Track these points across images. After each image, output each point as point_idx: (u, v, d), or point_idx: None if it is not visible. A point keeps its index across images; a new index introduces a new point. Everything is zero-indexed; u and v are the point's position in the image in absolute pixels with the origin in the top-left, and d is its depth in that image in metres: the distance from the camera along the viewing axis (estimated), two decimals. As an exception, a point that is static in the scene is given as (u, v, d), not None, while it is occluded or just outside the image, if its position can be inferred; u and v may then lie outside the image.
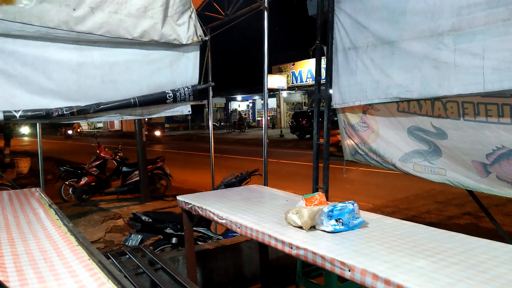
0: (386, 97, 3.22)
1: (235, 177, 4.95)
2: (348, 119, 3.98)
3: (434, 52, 2.85)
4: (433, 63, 2.86)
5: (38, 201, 2.80)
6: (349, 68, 3.55)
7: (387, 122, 3.62)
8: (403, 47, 3.07)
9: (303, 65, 26.21)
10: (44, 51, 3.39)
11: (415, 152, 3.46)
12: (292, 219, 2.20)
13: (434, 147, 3.31)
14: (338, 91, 3.72)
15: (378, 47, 3.27)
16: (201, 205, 2.82)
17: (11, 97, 3.34)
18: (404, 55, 3.07)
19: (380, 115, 3.65)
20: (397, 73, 3.10)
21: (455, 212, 6.57)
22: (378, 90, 3.27)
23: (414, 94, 2.98)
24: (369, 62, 3.34)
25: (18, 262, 1.62)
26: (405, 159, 3.57)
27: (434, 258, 1.69)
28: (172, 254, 3.66)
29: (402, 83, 3.06)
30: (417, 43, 2.97)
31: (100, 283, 1.38)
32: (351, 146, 4.13)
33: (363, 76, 3.40)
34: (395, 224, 2.21)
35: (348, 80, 3.57)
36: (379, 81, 3.25)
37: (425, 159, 3.42)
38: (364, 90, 3.40)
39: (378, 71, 3.26)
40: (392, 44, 3.15)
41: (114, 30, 3.44)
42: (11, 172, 10.82)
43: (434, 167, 3.36)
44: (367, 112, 3.77)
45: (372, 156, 3.90)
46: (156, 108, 3.96)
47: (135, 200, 7.96)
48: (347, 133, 4.10)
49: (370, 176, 9.56)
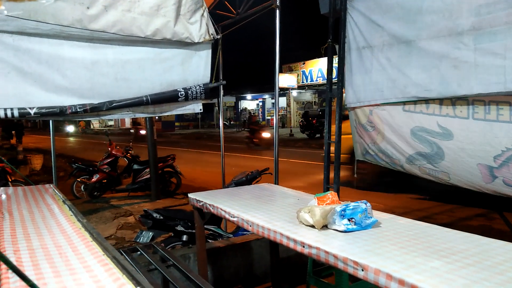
0: (404, 96, 3.18)
1: (245, 175, 4.96)
2: (358, 119, 3.95)
3: (453, 51, 2.81)
4: (452, 62, 2.82)
5: (52, 197, 2.84)
6: (364, 67, 3.52)
7: (391, 122, 3.57)
8: (421, 46, 3.04)
9: (314, 64, 26.10)
10: (58, 49, 3.43)
11: (418, 154, 3.40)
12: (304, 218, 2.19)
13: (436, 149, 3.23)
14: (352, 90, 3.69)
15: (395, 46, 3.24)
16: (212, 202, 2.83)
17: (26, 94, 3.39)
18: (422, 54, 3.03)
19: (384, 115, 3.60)
20: (415, 72, 3.07)
21: (467, 214, 6.50)
22: (395, 89, 3.24)
23: (433, 93, 2.95)
24: (385, 61, 3.31)
25: (34, 257, 1.64)
26: (410, 161, 3.52)
27: (449, 259, 1.67)
28: (183, 252, 3.67)
29: (420, 83, 3.03)
30: (436, 43, 2.93)
31: (115, 278, 1.40)
32: (362, 146, 4.10)
33: (379, 75, 3.37)
34: (408, 224, 2.20)
35: (363, 79, 3.55)
36: (396, 80, 3.22)
37: (428, 162, 3.35)
38: (380, 89, 3.37)
39: (395, 70, 3.22)
40: (409, 44, 3.12)
41: (127, 28, 3.46)
42: (24, 168, 10.96)
43: (438, 170, 3.30)
44: (372, 112, 3.73)
45: (381, 157, 3.86)
46: (168, 106, 3.99)
47: (145, 198, 8.02)
48: (358, 132, 4.07)
49: (380, 176, 9.49)
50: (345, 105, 3.89)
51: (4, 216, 2.30)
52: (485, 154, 2.90)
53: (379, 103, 3.51)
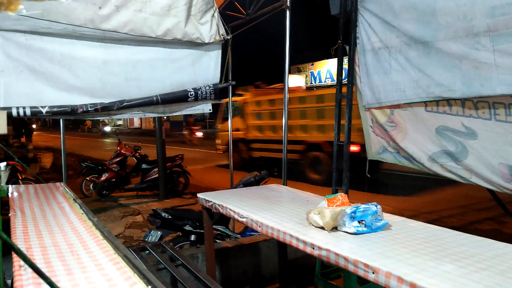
0: (428, 96, 3.17)
1: (253, 176, 4.96)
2: (376, 118, 3.93)
3: (472, 52, 2.80)
4: (472, 63, 2.81)
5: (63, 195, 2.86)
6: (382, 67, 3.51)
7: (415, 121, 3.57)
8: (439, 47, 3.02)
9: (322, 65, 25.93)
10: (70, 49, 3.46)
11: (442, 152, 3.42)
12: (313, 220, 2.19)
13: (461, 147, 3.26)
14: (371, 91, 3.68)
15: (412, 47, 3.22)
16: (221, 203, 2.83)
17: (37, 93, 3.42)
18: (441, 54, 3.02)
19: (407, 114, 3.60)
20: (437, 72, 3.06)
21: (477, 217, 6.43)
22: (418, 89, 3.24)
23: (457, 93, 2.94)
24: (405, 61, 3.29)
25: (46, 254, 1.65)
26: (433, 159, 3.53)
27: (461, 263, 1.65)
28: (191, 251, 3.68)
29: (443, 83, 3.02)
30: (453, 44, 2.91)
31: (126, 277, 1.40)
32: (379, 145, 4.07)
33: (400, 75, 3.36)
34: (419, 227, 2.18)
35: (382, 80, 3.53)
36: (418, 81, 3.21)
37: (452, 160, 3.37)
38: (402, 90, 3.36)
39: (416, 70, 3.22)
40: (426, 44, 3.11)
41: (138, 28, 3.48)
42: (33, 167, 11.08)
43: (460, 168, 3.32)
44: (394, 112, 3.73)
45: (402, 154, 3.85)
46: (178, 106, 4.00)
47: (154, 197, 8.06)
48: (376, 132, 4.05)
49: (390, 178, 9.44)
50: (364, 106, 3.88)
51: (16, 213, 2.32)
52: (507, 155, 2.93)
53: (402, 103, 3.51)
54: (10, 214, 2.31)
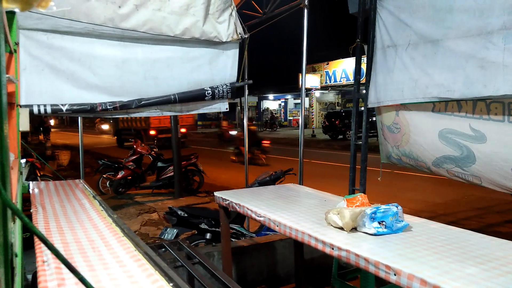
0: (425, 97, 3.11)
1: (269, 175, 4.95)
2: (383, 120, 3.88)
3: (481, 51, 2.74)
4: (479, 62, 2.75)
5: (82, 192, 2.90)
6: (387, 66, 3.46)
7: (418, 124, 3.48)
8: (447, 45, 2.96)
9: (337, 64, 25.84)
10: (90, 47, 3.50)
11: (445, 158, 3.30)
12: (332, 220, 2.17)
13: (467, 152, 3.13)
14: (374, 90, 3.63)
15: (420, 46, 3.17)
16: (238, 201, 2.83)
17: (58, 91, 3.48)
18: (448, 54, 2.96)
19: (412, 116, 3.52)
20: (438, 72, 2.99)
21: (497, 220, 6.31)
22: (416, 90, 3.17)
23: (456, 94, 2.87)
24: (409, 60, 3.24)
25: (68, 250, 1.67)
26: (437, 164, 3.43)
27: (486, 266, 1.62)
28: (207, 249, 3.69)
29: (443, 83, 2.95)
30: (463, 42, 2.86)
31: (148, 274, 1.41)
32: (386, 149, 4.03)
33: (401, 74, 3.31)
34: (440, 229, 2.14)
35: (385, 79, 3.48)
36: (417, 80, 3.15)
37: (456, 166, 3.26)
38: (400, 89, 3.30)
39: (418, 70, 3.16)
40: (435, 43, 3.05)
41: (157, 27, 3.51)
42: (51, 164, 11.26)
43: (468, 174, 3.20)
44: (399, 113, 3.66)
45: (406, 160, 3.78)
46: (195, 104, 4.02)
47: (169, 195, 8.11)
48: (383, 135, 4.00)
49: (406, 179, 9.32)
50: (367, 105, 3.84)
51: (37, 209, 2.35)
52: None
53: (398, 103, 3.45)
54: (32, 210, 2.35)
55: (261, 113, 37.29)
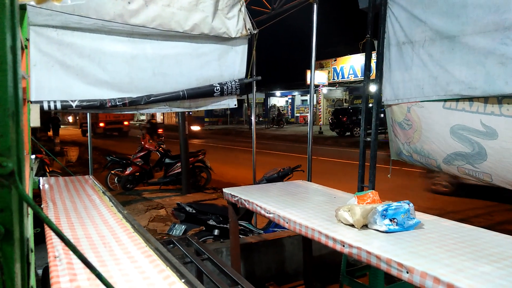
0: (446, 94, 3.07)
1: (277, 172, 4.94)
2: (394, 116, 3.84)
3: (500, 47, 2.69)
4: (499, 59, 2.70)
5: (92, 188, 2.91)
6: (404, 63, 3.42)
7: (429, 120, 3.44)
8: (465, 42, 2.92)
9: (345, 61, 25.69)
10: (99, 44, 3.51)
11: (457, 154, 3.26)
12: (343, 217, 2.15)
13: (478, 149, 3.08)
14: (390, 87, 3.60)
15: (437, 42, 3.13)
16: (248, 198, 2.82)
17: (67, 87, 3.49)
18: (466, 50, 2.91)
19: (423, 112, 3.48)
20: (458, 69, 2.95)
21: (507, 217, 6.24)
22: (436, 87, 3.13)
23: (477, 91, 2.83)
24: (427, 57, 3.20)
25: (79, 246, 1.68)
26: (448, 161, 3.39)
27: (500, 264, 1.60)
28: (215, 246, 3.70)
29: (464, 80, 2.91)
30: (481, 38, 2.81)
31: (159, 270, 1.41)
32: (396, 146, 3.99)
33: (420, 71, 3.27)
34: (452, 227, 2.12)
35: (402, 76, 3.45)
36: (437, 77, 3.11)
37: (467, 163, 3.21)
38: (420, 87, 3.27)
39: (437, 66, 3.11)
40: (452, 39, 3.01)
41: (166, 23, 3.50)
42: (60, 160, 11.35)
43: (479, 171, 3.16)
44: (410, 109, 3.62)
45: (416, 158, 3.74)
46: (204, 101, 4.01)
47: (176, 191, 8.13)
48: (394, 131, 3.97)
49: (413, 176, 9.26)
50: (383, 102, 3.80)
51: (48, 205, 2.37)
52: None
53: (419, 100, 3.40)
54: (42, 206, 2.36)
55: (268, 110, 37.24)
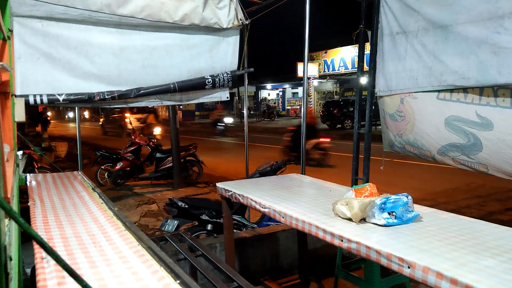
0: (440, 85, 3.03)
1: (270, 165, 4.89)
2: (386, 108, 3.80)
3: (493, 36, 2.66)
4: (491, 48, 2.67)
5: (81, 184, 2.82)
6: (397, 53, 3.38)
7: (423, 111, 3.40)
8: (458, 31, 2.88)
9: (336, 53, 25.64)
10: (86, 35, 3.39)
11: (452, 146, 3.24)
12: (340, 211, 2.10)
13: (474, 140, 3.06)
14: (384, 78, 3.55)
15: (430, 32, 3.08)
16: (242, 192, 2.76)
17: (54, 80, 3.38)
18: (459, 40, 2.88)
19: (417, 103, 3.44)
20: (451, 59, 2.91)
21: (497, 208, 6.29)
22: (431, 77, 3.09)
23: (471, 81, 2.79)
24: (420, 47, 3.15)
25: (68, 246, 1.60)
26: (442, 153, 3.36)
27: (503, 257, 1.56)
28: (209, 241, 3.64)
29: (457, 70, 2.87)
30: (474, 27, 2.77)
31: (153, 270, 1.34)
32: (388, 138, 3.96)
33: (414, 62, 3.22)
34: (452, 219, 2.08)
35: (396, 67, 3.40)
36: (431, 68, 3.07)
37: (463, 154, 3.19)
38: (414, 77, 3.22)
39: (431, 57, 3.07)
40: (445, 28, 2.96)
41: (155, 13, 3.40)
42: (49, 155, 11.16)
43: (474, 162, 3.14)
44: (404, 101, 3.58)
45: (409, 149, 3.71)
46: (195, 93, 3.93)
47: (168, 186, 8.05)
48: (386, 123, 3.93)
49: (405, 168, 9.29)
50: (376, 93, 3.76)
51: (35, 203, 2.28)
52: None
53: (413, 91, 3.36)
54: (29, 203, 2.27)
55: (259, 103, 37.14)
